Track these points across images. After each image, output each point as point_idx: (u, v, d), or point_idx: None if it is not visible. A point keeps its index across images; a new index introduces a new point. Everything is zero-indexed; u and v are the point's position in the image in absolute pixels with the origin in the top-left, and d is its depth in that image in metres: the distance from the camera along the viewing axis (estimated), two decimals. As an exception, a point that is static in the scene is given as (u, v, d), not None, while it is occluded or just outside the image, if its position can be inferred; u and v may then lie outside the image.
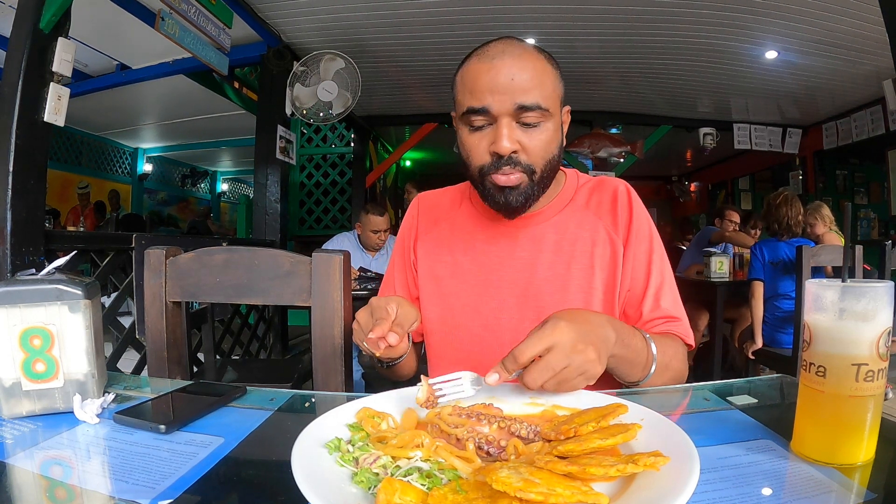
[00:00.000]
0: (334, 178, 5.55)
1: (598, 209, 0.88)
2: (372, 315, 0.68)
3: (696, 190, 9.27)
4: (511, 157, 0.76)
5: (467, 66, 0.78)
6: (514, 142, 0.75)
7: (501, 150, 0.75)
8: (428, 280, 0.93)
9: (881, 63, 3.47)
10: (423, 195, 1.02)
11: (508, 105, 0.74)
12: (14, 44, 1.74)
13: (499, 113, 0.74)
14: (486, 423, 0.51)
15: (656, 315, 0.84)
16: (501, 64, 0.74)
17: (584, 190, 0.90)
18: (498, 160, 0.77)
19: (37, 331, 0.60)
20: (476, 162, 0.79)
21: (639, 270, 0.86)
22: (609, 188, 0.89)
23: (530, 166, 0.77)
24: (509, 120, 0.75)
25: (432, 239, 0.95)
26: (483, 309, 0.87)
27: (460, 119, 0.79)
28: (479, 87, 0.75)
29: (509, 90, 0.74)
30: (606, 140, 5.04)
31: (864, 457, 0.45)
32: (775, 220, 2.63)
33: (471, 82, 0.76)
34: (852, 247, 2.19)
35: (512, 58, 0.75)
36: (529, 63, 0.75)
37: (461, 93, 0.78)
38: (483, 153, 0.78)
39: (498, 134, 0.75)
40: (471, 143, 0.79)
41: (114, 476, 0.47)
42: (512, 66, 0.74)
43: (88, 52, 3.67)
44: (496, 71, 0.74)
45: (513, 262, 0.87)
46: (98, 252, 2.01)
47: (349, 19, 3.38)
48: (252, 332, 3.21)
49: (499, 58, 0.75)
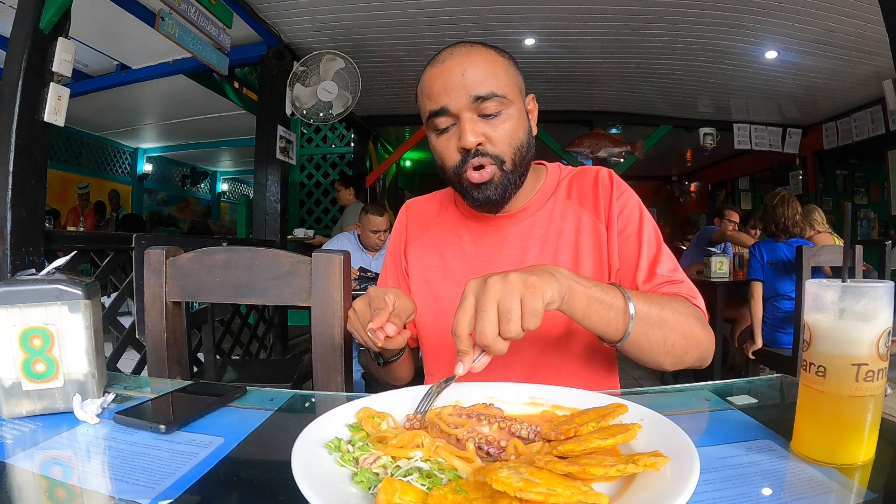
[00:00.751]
0: (334, 178, 5.56)
1: (581, 197, 0.88)
2: (370, 305, 0.68)
3: (696, 190, 9.28)
4: (478, 150, 0.77)
5: (423, 76, 0.81)
6: (478, 134, 0.76)
7: (467, 144, 0.76)
8: (420, 284, 0.94)
9: (881, 63, 3.48)
10: (410, 202, 1.03)
11: (464, 99, 0.75)
12: (14, 44, 1.74)
13: (457, 109, 0.76)
14: (487, 424, 0.51)
15: (655, 283, 0.81)
16: (451, 63, 0.77)
17: (565, 181, 0.91)
18: (466, 155, 0.78)
19: (37, 331, 0.60)
20: (448, 163, 0.80)
21: (629, 246, 0.84)
22: (589, 175, 0.89)
23: (499, 157, 0.78)
24: (470, 114, 0.76)
25: (422, 243, 0.96)
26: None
27: (427, 126, 0.81)
28: (434, 90, 0.77)
29: (462, 85, 0.75)
30: (606, 140, 5.04)
31: (864, 457, 0.45)
32: (772, 220, 2.61)
33: (427, 88, 0.79)
34: (852, 247, 2.19)
35: (461, 56, 0.77)
36: (479, 57, 0.77)
37: (422, 101, 0.81)
38: (453, 153, 0.79)
39: (462, 129, 0.76)
40: (440, 145, 0.80)
41: (114, 476, 0.47)
42: (461, 62, 0.77)
43: (88, 52, 3.67)
44: (448, 71, 0.77)
45: (501, 261, 0.88)
46: (98, 252, 2.01)
47: (349, 19, 3.38)
48: (252, 332, 3.21)
49: (449, 59, 0.78)
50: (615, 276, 0.84)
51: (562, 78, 4.40)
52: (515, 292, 0.53)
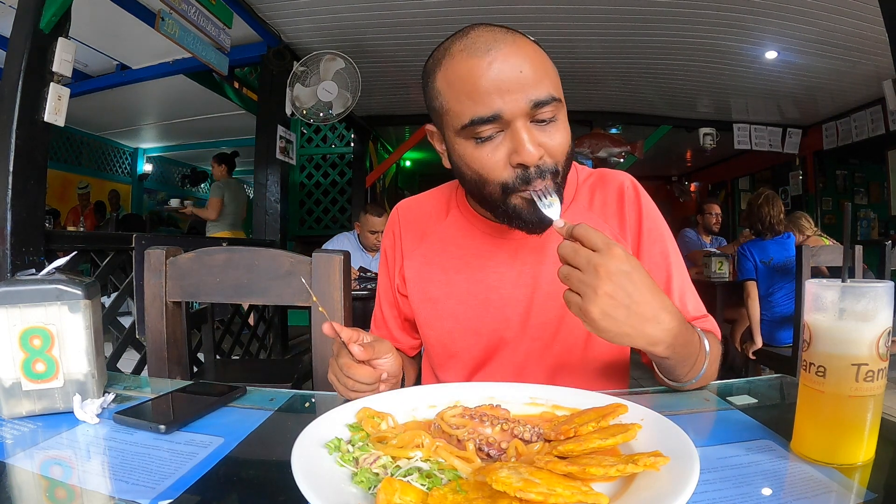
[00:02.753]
0: (334, 178, 5.56)
1: (604, 210, 0.80)
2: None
3: (696, 190, 9.27)
4: (539, 166, 0.64)
5: (452, 65, 0.65)
6: (538, 145, 0.63)
7: (529, 160, 0.63)
8: (423, 304, 0.83)
9: (881, 63, 3.47)
10: (401, 205, 0.91)
11: (523, 104, 0.62)
12: (14, 44, 1.74)
13: (512, 116, 0.62)
14: (490, 425, 0.51)
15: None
16: (502, 56, 0.62)
17: (585, 187, 0.82)
18: (525, 172, 0.64)
19: (37, 331, 0.60)
20: (496, 179, 0.66)
21: (658, 275, 0.77)
22: (613, 184, 0.81)
23: (555, 167, 0.66)
24: (524, 121, 0.63)
25: (421, 256, 0.84)
26: (483, 330, 0.80)
27: (459, 133, 0.66)
28: (482, 89, 0.62)
29: (520, 86, 0.62)
30: (606, 140, 5.04)
31: (864, 457, 0.45)
32: (758, 219, 2.68)
33: (470, 86, 0.63)
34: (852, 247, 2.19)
35: (510, 47, 0.63)
36: (530, 50, 0.64)
37: (454, 100, 0.65)
38: (502, 168, 0.65)
39: (517, 140, 0.63)
40: (482, 158, 0.65)
41: (114, 476, 0.47)
42: (514, 56, 0.62)
43: (88, 52, 3.67)
44: (498, 67, 0.62)
45: (513, 277, 0.78)
46: (98, 252, 2.01)
47: (349, 19, 3.38)
48: (252, 332, 3.21)
49: (496, 49, 0.62)
50: None
51: (562, 78, 4.39)
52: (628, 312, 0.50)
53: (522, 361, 0.80)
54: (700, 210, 4.05)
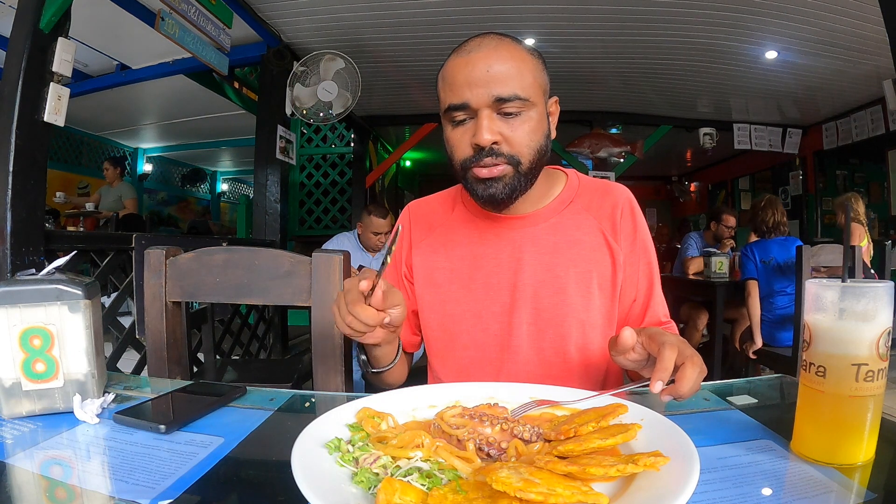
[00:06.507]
0: (334, 178, 5.55)
1: (599, 213, 0.88)
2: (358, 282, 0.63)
3: (696, 190, 9.27)
4: (493, 149, 0.76)
5: (447, 63, 0.79)
6: (495, 133, 0.75)
7: (482, 142, 0.75)
8: (426, 288, 0.91)
9: (881, 63, 3.47)
10: (413, 204, 1.00)
11: (486, 97, 0.74)
12: (14, 44, 1.74)
13: (478, 106, 0.74)
14: (489, 425, 0.51)
15: (653, 322, 0.88)
16: (477, 56, 0.75)
17: (584, 192, 0.90)
18: (479, 152, 0.76)
19: (37, 331, 0.60)
20: (459, 156, 0.79)
21: (642, 282, 0.88)
22: (610, 193, 0.90)
23: (515, 157, 0.77)
24: (489, 112, 0.75)
25: (428, 245, 0.93)
26: (484, 313, 0.87)
27: (444, 116, 0.80)
28: (457, 82, 0.75)
29: (485, 82, 0.74)
30: (606, 140, 5.04)
31: (864, 457, 0.45)
32: (762, 221, 2.79)
33: (450, 78, 0.77)
34: (852, 247, 2.19)
35: (488, 49, 0.75)
36: (506, 53, 0.75)
37: (442, 90, 0.79)
38: (465, 147, 0.78)
39: (478, 126, 0.75)
40: (454, 138, 0.79)
41: (114, 476, 0.47)
42: (487, 57, 0.74)
43: (88, 52, 3.67)
44: (472, 64, 0.75)
45: (511, 264, 0.86)
46: (98, 252, 2.01)
47: (349, 19, 3.38)
48: (252, 332, 3.21)
49: (476, 51, 0.75)
50: (623, 303, 0.87)
51: (562, 78, 4.40)
52: (699, 378, 0.57)
53: (520, 347, 0.85)
54: (716, 217, 3.80)
